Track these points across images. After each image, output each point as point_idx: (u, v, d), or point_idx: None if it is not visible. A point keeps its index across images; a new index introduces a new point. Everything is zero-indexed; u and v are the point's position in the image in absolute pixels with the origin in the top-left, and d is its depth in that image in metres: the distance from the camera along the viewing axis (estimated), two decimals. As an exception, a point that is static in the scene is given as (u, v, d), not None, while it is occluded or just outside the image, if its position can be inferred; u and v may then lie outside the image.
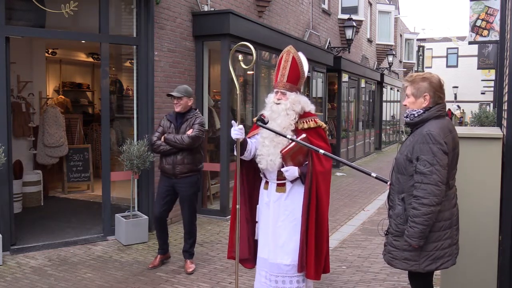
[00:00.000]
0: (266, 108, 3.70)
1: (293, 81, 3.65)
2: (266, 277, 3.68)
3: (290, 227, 3.62)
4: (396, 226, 2.92)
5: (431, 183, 2.71)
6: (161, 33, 6.44)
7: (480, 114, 8.29)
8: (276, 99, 3.63)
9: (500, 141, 3.66)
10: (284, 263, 3.61)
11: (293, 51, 3.68)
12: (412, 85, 2.94)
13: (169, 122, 4.85)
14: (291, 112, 3.58)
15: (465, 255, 3.56)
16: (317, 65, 11.25)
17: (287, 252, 3.62)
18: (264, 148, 3.60)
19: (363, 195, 9.28)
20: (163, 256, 5.04)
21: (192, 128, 4.74)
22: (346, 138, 14.16)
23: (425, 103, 2.89)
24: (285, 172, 3.57)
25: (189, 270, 4.80)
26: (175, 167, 4.72)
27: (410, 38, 26.56)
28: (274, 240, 3.64)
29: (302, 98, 3.69)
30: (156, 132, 4.88)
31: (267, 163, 3.58)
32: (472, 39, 8.91)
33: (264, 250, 3.71)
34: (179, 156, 4.72)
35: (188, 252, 4.95)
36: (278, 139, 3.55)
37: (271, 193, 3.69)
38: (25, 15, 5.50)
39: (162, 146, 4.73)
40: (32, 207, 7.11)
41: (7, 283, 4.44)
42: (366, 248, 5.75)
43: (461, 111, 30.58)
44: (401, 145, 3.05)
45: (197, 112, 4.92)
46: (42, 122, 7.70)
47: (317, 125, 3.66)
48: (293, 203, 3.64)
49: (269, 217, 3.68)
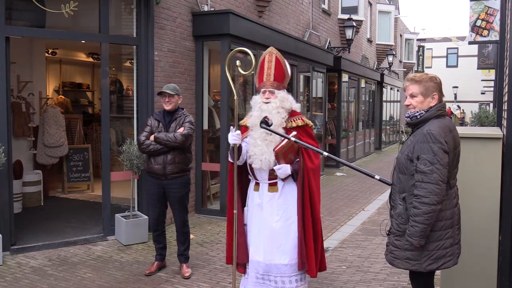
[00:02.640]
0: (255, 109, 3.68)
1: (279, 80, 3.67)
2: (264, 278, 3.66)
3: (285, 226, 3.62)
4: (397, 226, 2.92)
5: (432, 182, 2.72)
6: (161, 33, 6.44)
7: (480, 114, 8.29)
8: (264, 98, 3.63)
9: (500, 141, 3.66)
10: (282, 263, 3.60)
11: (275, 51, 3.71)
12: (421, 84, 2.93)
13: (157, 121, 4.69)
14: (282, 110, 3.60)
15: (465, 255, 3.56)
16: (317, 65, 11.25)
17: (284, 252, 3.61)
18: (256, 148, 3.59)
19: (363, 195, 9.28)
20: (160, 263, 4.87)
21: (183, 126, 4.63)
22: (346, 138, 14.16)
23: (433, 102, 2.91)
24: (278, 170, 3.56)
25: (186, 275, 4.67)
26: (165, 167, 4.56)
27: (410, 38, 26.56)
28: (270, 241, 3.62)
29: (289, 96, 3.72)
30: (144, 132, 4.68)
31: (261, 162, 3.57)
32: (472, 39, 8.91)
33: (258, 253, 3.67)
34: (170, 155, 4.56)
35: (183, 256, 4.82)
36: (270, 137, 3.55)
37: (263, 194, 3.68)
38: (25, 15, 5.50)
39: (152, 146, 4.55)
40: (32, 207, 7.11)
41: (7, 283, 4.44)
42: (366, 248, 5.75)
43: (461, 111, 30.57)
44: (402, 144, 3.05)
45: (184, 111, 4.83)
46: (42, 122, 7.70)
47: (305, 123, 3.70)
48: (286, 202, 3.65)
49: (262, 219, 3.66)
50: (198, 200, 7.27)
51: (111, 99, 6.72)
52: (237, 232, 3.67)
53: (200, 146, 7.23)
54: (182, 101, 7.05)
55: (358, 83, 15.42)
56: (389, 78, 20.10)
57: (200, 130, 7.24)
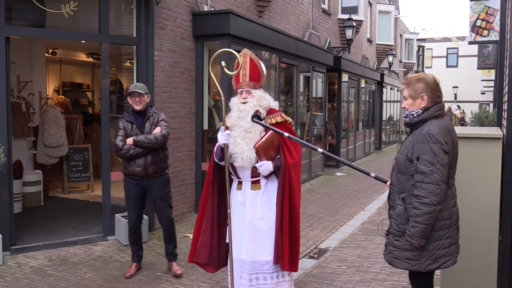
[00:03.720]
0: (233, 110, 3.71)
1: (255, 79, 3.70)
2: (246, 278, 3.67)
3: (269, 223, 3.64)
4: (397, 226, 2.92)
5: (432, 182, 2.72)
6: (161, 33, 6.44)
7: (480, 114, 8.29)
8: (242, 99, 3.66)
9: (500, 141, 3.66)
10: (264, 259, 3.64)
11: (248, 53, 3.74)
12: (409, 87, 2.97)
13: (130, 124, 4.58)
14: (259, 108, 3.63)
15: (465, 255, 3.56)
16: (317, 65, 11.25)
17: (266, 248, 3.63)
18: (237, 146, 3.61)
19: (363, 195, 9.28)
20: (138, 264, 4.83)
21: (159, 125, 4.59)
22: (346, 138, 14.17)
23: (424, 103, 2.92)
24: (260, 167, 3.58)
25: (178, 272, 4.67)
26: (147, 168, 4.53)
27: (410, 38, 26.56)
28: (253, 239, 3.64)
29: (266, 94, 3.75)
30: (119, 136, 4.57)
31: (243, 160, 3.59)
32: (472, 39, 8.91)
33: (242, 251, 3.68)
34: (150, 156, 4.53)
35: (172, 254, 4.81)
36: (249, 135, 3.59)
37: (245, 192, 3.70)
38: (25, 15, 5.50)
39: (132, 150, 4.48)
40: (32, 207, 7.11)
41: (7, 283, 4.44)
42: (366, 248, 5.75)
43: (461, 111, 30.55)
44: (401, 145, 3.06)
45: (154, 109, 4.79)
46: (42, 122, 7.70)
47: (284, 119, 3.74)
48: (269, 199, 3.68)
49: (245, 217, 3.67)
50: (198, 200, 7.22)
51: (111, 99, 6.71)
52: (202, 230, 3.77)
53: (200, 146, 7.23)
54: (181, 101, 7.10)
55: (358, 83, 15.42)
56: (389, 78, 20.10)
57: (200, 130, 7.24)
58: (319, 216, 7.41)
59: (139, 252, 4.86)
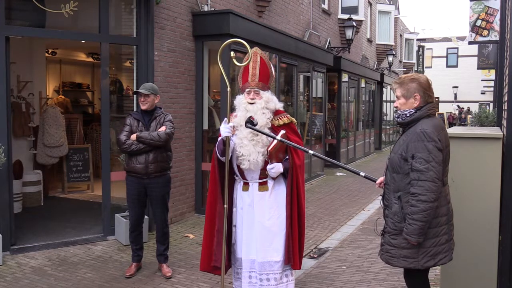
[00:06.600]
0: (239, 109, 3.67)
1: (264, 80, 3.68)
2: (256, 277, 3.68)
3: (277, 224, 3.65)
4: (393, 225, 2.95)
5: (428, 179, 2.76)
6: (161, 33, 6.44)
7: (480, 114, 8.29)
8: (249, 99, 3.63)
9: (500, 141, 3.66)
10: (274, 260, 3.63)
11: (259, 52, 3.72)
12: (402, 87, 3.01)
13: (136, 121, 4.66)
14: (266, 110, 3.63)
15: (465, 255, 3.57)
16: (317, 65, 11.25)
17: (276, 248, 3.64)
18: (243, 148, 3.58)
19: (363, 195, 9.28)
20: (138, 263, 4.83)
21: (164, 125, 4.62)
22: (346, 138, 14.16)
23: (416, 103, 2.96)
24: (271, 170, 3.57)
25: (168, 274, 4.66)
26: (148, 166, 4.55)
27: (410, 38, 26.57)
28: (263, 240, 3.64)
29: (273, 96, 3.75)
30: (124, 131, 4.62)
31: (249, 162, 3.57)
32: (472, 39, 8.91)
33: (251, 252, 3.68)
34: (152, 154, 4.55)
35: (163, 256, 4.80)
36: (256, 137, 3.56)
37: (253, 193, 3.69)
38: (25, 15, 5.50)
39: (134, 145, 4.52)
40: (32, 207, 7.11)
41: (7, 283, 4.44)
42: (366, 248, 5.75)
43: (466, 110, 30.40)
44: (394, 144, 3.08)
45: (163, 110, 4.82)
46: (42, 122, 7.70)
47: (290, 120, 3.76)
48: (277, 200, 3.68)
49: (254, 218, 3.67)
50: (198, 200, 7.27)
51: (111, 99, 6.71)
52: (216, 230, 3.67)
53: (200, 146, 7.23)
54: (181, 101, 7.09)
55: (358, 83, 15.42)
56: (389, 78, 20.09)
57: (200, 130, 7.24)
58: (319, 216, 7.41)
59: (139, 252, 4.86)
